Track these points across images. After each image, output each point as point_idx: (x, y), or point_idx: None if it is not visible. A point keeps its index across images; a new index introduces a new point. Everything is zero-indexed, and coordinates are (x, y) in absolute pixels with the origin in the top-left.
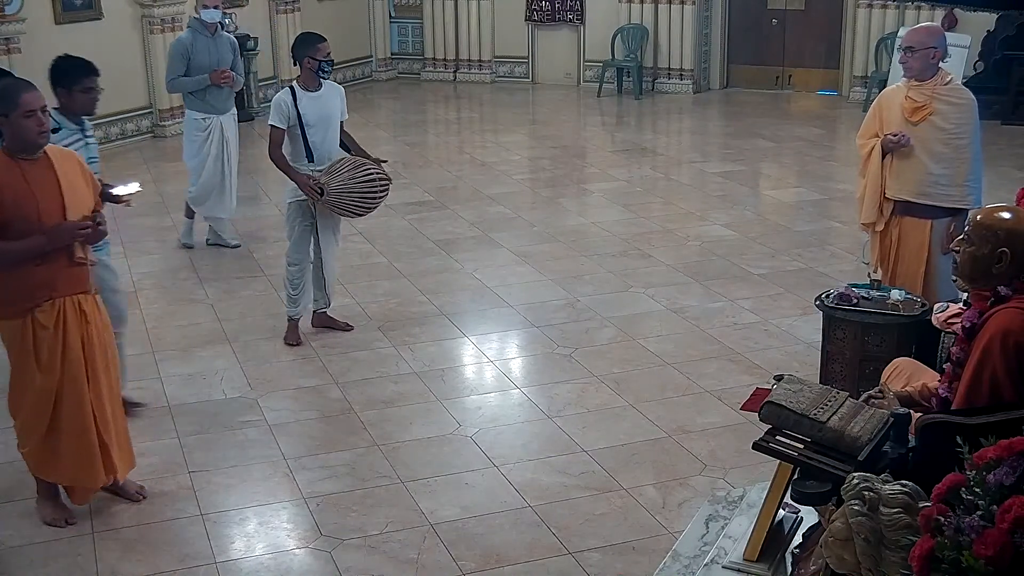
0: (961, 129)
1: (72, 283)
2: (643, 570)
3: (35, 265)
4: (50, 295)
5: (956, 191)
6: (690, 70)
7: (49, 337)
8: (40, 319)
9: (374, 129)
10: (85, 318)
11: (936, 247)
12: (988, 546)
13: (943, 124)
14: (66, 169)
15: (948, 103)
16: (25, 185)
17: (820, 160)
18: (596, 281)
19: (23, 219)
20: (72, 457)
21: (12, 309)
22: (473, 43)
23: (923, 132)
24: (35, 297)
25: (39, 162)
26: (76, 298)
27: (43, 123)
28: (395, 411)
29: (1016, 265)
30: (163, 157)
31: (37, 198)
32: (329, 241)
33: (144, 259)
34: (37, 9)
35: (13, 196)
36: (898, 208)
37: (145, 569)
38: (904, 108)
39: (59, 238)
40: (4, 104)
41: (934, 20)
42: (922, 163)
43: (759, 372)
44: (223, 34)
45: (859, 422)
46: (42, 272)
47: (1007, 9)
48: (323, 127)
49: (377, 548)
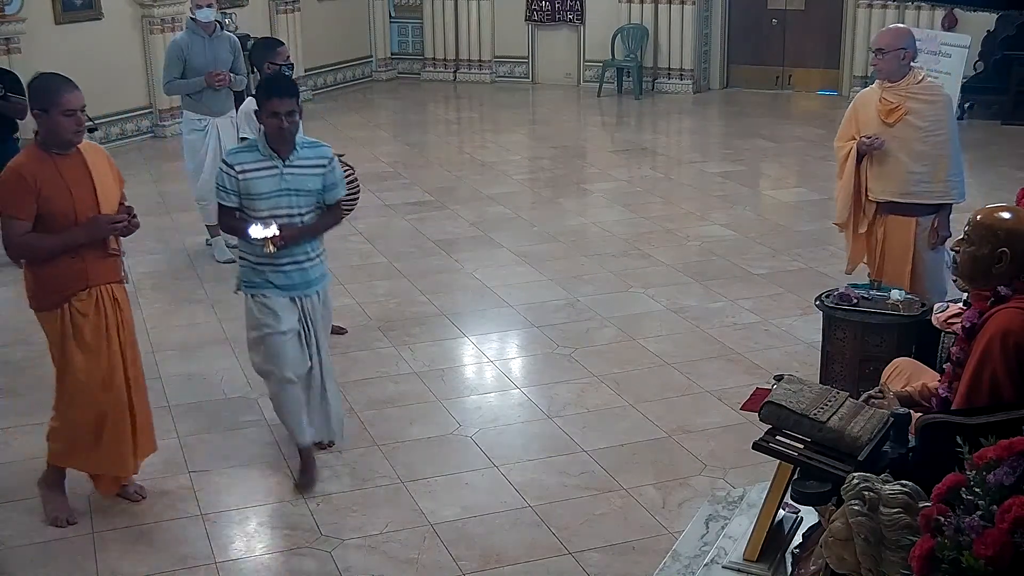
0: (937, 126)
1: (106, 273)
2: (643, 570)
3: (70, 257)
4: (85, 285)
5: (938, 187)
6: (690, 70)
7: (88, 323)
8: (77, 307)
9: (374, 129)
10: (119, 306)
11: (922, 244)
12: (988, 546)
13: (919, 123)
14: (97, 163)
15: (922, 101)
16: (60, 179)
17: (820, 160)
18: (596, 281)
19: (59, 212)
20: (112, 444)
21: (49, 300)
22: (473, 43)
23: (900, 132)
24: (71, 288)
25: (72, 157)
26: (110, 287)
27: (80, 123)
28: (395, 411)
29: (1016, 265)
30: (163, 157)
31: (72, 192)
32: None
33: (144, 259)
34: (37, 9)
35: (49, 190)
36: (882, 208)
37: (145, 569)
38: (879, 110)
39: (96, 231)
40: (45, 100)
41: (934, 20)
42: (902, 162)
43: (759, 372)
44: (223, 34)
45: (859, 422)
46: (77, 264)
47: (1007, 9)
48: None
49: (377, 548)
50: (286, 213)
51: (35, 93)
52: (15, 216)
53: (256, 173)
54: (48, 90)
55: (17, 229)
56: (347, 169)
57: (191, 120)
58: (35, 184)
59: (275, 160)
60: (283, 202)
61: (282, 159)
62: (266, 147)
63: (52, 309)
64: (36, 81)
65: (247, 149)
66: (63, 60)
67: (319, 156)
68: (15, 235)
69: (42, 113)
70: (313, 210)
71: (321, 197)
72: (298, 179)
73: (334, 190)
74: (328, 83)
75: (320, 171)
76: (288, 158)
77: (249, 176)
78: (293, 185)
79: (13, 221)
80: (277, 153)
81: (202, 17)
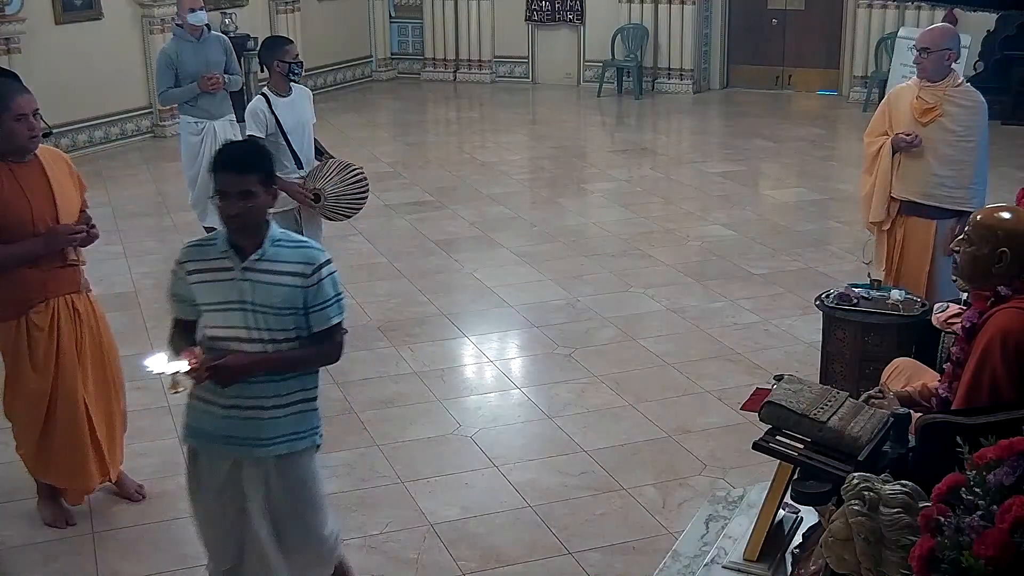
0: (969, 132)
1: (64, 284)
2: (643, 570)
3: (28, 268)
4: (44, 296)
5: (961, 193)
6: (690, 70)
7: (43, 338)
8: (35, 320)
9: (374, 129)
10: (78, 316)
11: (940, 248)
12: (988, 546)
13: (952, 126)
14: (56, 171)
15: (958, 105)
16: (18, 187)
17: (820, 160)
18: (596, 281)
19: (17, 222)
20: (65, 458)
21: (6, 312)
22: (473, 43)
23: (931, 133)
24: (29, 299)
25: (30, 164)
26: (69, 297)
27: (34, 127)
28: (395, 411)
29: (1016, 265)
30: (163, 157)
31: (30, 200)
32: None
33: (144, 259)
34: (37, 9)
35: (6, 199)
36: (903, 208)
37: (145, 569)
38: (915, 108)
39: (55, 242)
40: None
41: (934, 20)
42: (928, 164)
43: (759, 372)
44: (211, 35)
45: (859, 422)
46: (35, 274)
47: (1007, 9)
48: (300, 131)
49: (377, 548)
50: (245, 336)
51: None
52: None
53: (205, 275)
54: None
55: None
56: (356, 171)
57: (188, 124)
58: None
59: (232, 260)
60: (237, 319)
61: (240, 258)
62: (224, 240)
63: (9, 320)
64: None
65: (206, 243)
66: (63, 60)
67: (301, 260)
68: None
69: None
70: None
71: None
72: (261, 289)
73: (321, 312)
74: (328, 83)
75: (297, 282)
76: (249, 258)
77: (196, 279)
78: (252, 297)
79: None
80: (237, 250)
81: (195, 21)
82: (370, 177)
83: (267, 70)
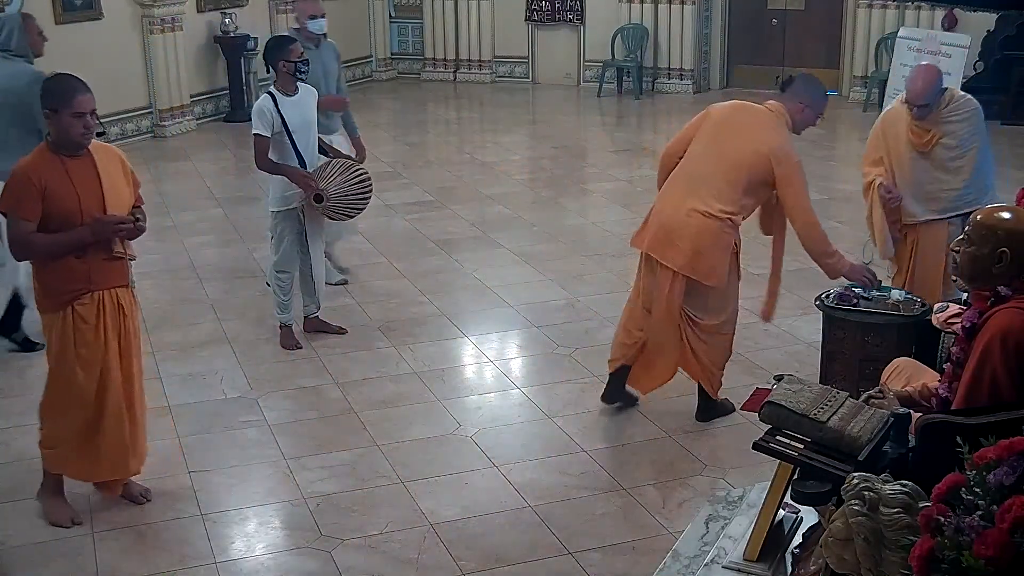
0: (971, 140)
1: (110, 276)
2: (643, 570)
3: (74, 258)
4: (88, 287)
5: (973, 193)
6: (690, 70)
7: (89, 331)
8: (80, 313)
9: (374, 129)
10: (123, 311)
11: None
12: (988, 546)
13: (953, 142)
14: (108, 166)
15: (954, 122)
16: (68, 180)
17: (820, 160)
18: (596, 281)
19: (65, 213)
20: (112, 452)
21: (52, 302)
22: (473, 43)
23: (936, 154)
24: (73, 289)
25: (82, 158)
26: (114, 292)
27: (89, 125)
28: (395, 411)
29: (1016, 265)
30: (163, 157)
31: (79, 193)
32: (317, 246)
33: (144, 259)
34: (37, 9)
35: (56, 191)
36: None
37: (145, 569)
38: (911, 136)
39: (100, 232)
40: (56, 100)
41: (934, 20)
42: (941, 180)
43: (759, 372)
44: (327, 43)
45: (859, 422)
46: (80, 265)
47: (1007, 9)
48: (306, 131)
49: (377, 548)
50: None
51: (48, 93)
52: (20, 216)
53: None
54: (60, 91)
55: (22, 229)
56: (360, 171)
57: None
58: (40, 184)
59: None
60: None
61: None
62: None
63: (55, 311)
64: (50, 81)
65: None
66: (63, 60)
67: None
68: (20, 234)
69: (52, 113)
70: None
71: None
72: None
73: None
74: None
75: None
76: None
77: None
78: None
79: (19, 221)
80: None
81: (316, 29)
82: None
83: (273, 70)
